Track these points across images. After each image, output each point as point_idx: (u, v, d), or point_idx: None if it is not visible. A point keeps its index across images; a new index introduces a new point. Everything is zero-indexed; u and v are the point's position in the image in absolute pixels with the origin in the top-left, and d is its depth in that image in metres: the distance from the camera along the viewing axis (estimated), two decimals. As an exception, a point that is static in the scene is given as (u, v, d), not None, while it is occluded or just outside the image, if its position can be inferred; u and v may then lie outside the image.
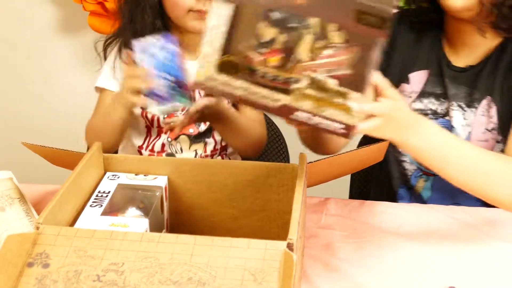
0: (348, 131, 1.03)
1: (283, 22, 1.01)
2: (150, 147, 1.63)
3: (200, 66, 1.03)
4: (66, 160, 1.31)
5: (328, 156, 1.14)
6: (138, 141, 1.65)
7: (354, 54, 1.01)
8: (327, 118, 1.03)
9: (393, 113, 1.11)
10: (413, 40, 1.57)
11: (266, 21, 1.01)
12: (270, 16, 1.01)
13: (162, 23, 1.54)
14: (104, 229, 1.01)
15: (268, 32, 1.01)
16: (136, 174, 1.23)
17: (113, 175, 1.22)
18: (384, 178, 1.64)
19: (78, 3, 2.36)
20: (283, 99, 1.03)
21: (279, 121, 1.85)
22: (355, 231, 1.33)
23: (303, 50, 1.01)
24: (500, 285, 1.18)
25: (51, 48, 2.59)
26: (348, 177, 1.86)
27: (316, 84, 1.01)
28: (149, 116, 1.60)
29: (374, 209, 1.40)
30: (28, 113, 2.69)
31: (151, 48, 1.37)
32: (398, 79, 1.55)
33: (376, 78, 1.08)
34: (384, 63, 1.56)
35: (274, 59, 1.02)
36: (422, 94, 1.53)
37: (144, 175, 1.22)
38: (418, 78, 1.54)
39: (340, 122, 1.02)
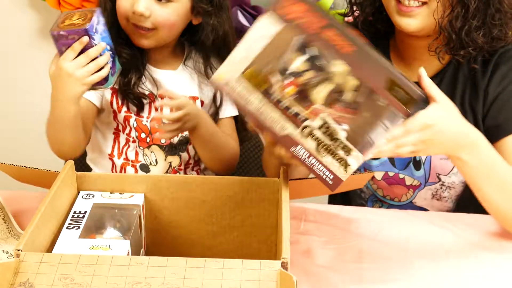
0: (334, 182, 1.06)
1: (316, 60, 1.03)
2: (123, 156, 1.56)
3: (224, 69, 1.05)
4: (35, 178, 1.27)
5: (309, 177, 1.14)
6: (107, 148, 1.58)
7: (363, 118, 1.03)
8: (323, 164, 1.06)
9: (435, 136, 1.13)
10: None
11: (300, 53, 1.03)
12: (307, 51, 1.03)
13: None
14: (89, 254, 0.97)
15: (301, 65, 1.03)
16: (111, 193, 1.19)
17: (87, 194, 1.18)
18: (345, 197, 1.63)
19: (56, 8, 2.33)
20: (290, 130, 1.06)
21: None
22: (334, 237, 1.32)
23: (318, 94, 1.04)
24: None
25: (29, 54, 2.52)
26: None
27: (326, 129, 1.04)
28: (121, 118, 1.53)
29: (353, 215, 1.40)
30: (8, 121, 2.62)
31: (99, 26, 1.33)
32: None
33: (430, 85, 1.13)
34: None
35: (291, 90, 1.04)
36: None
37: (120, 193, 1.19)
38: None
39: (332, 173, 1.06)
